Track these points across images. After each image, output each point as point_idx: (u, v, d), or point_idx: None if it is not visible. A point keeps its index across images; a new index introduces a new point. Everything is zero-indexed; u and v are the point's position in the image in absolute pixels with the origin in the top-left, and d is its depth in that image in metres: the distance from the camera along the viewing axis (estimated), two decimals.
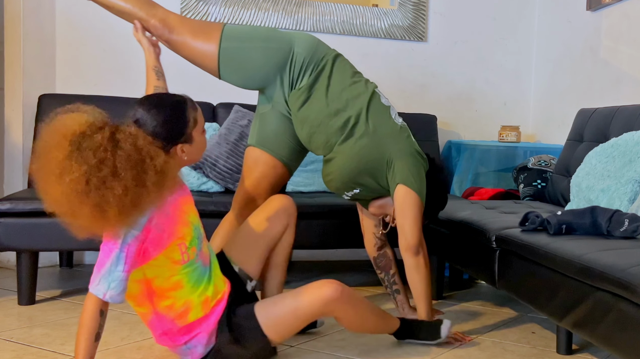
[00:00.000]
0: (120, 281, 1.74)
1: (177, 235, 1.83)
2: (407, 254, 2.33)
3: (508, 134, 3.70)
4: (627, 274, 1.62)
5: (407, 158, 2.32)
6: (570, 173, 2.91)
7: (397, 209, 2.32)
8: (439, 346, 2.29)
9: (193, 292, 1.90)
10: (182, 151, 1.85)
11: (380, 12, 3.86)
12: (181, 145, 1.84)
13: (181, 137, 1.84)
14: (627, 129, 2.66)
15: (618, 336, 1.68)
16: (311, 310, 1.99)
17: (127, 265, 1.75)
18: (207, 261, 1.97)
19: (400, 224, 2.33)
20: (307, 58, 2.37)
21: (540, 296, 2.07)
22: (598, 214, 2.12)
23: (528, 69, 4.09)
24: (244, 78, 2.42)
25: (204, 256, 1.96)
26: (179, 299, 1.89)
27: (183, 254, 1.85)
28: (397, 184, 2.30)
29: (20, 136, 3.35)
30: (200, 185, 3.17)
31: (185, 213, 1.88)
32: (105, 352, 2.15)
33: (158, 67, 2.40)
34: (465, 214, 2.66)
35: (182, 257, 1.85)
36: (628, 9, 3.21)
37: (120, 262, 1.74)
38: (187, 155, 1.87)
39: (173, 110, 1.84)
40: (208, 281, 1.95)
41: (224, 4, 3.63)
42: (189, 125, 1.85)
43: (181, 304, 1.90)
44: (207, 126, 3.32)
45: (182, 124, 1.84)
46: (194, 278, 1.90)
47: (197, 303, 1.91)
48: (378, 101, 2.38)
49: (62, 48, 3.48)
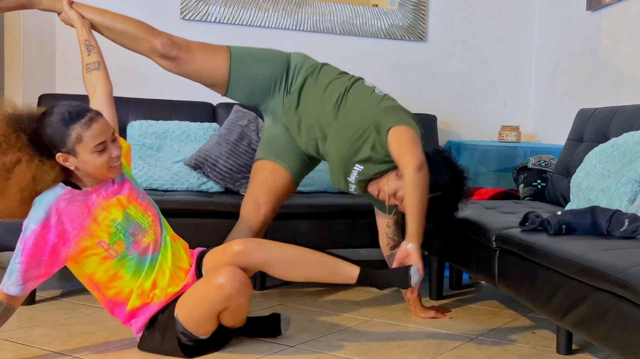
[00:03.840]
0: (16, 272, 1.94)
1: (87, 232, 1.99)
2: (408, 170, 2.23)
3: (508, 134, 3.70)
4: (627, 274, 1.62)
5: (393, 111, 2.39)
6: (570, 173, 2.91)
7: (394, 150, 2.29)
8: (437, 348, 2.30)
9: (135, 281, 2.07)
10: (64, 160, 1.97)
11: (380, 12, 3.86)
12: (61, 154, 1.96)
13: (58, 149, 1.95)
14: (627, 129, 2.66)
15: (618, 336, 1.68)
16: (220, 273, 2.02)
17: (24, 256, 1.94)
18: (147, 252, 2.10)
19: (399, 156, 2.27)
20: (299, 64, 2.55)
21: (540, 296, 2.06)
22: (598, 214, 2.12)
23: (528, 69, 4.09)
24: (249, 94, 2.56)
25: (142, 247, 2.08)
26: (124, 287, 2.08)
27: (108, 250, 2.02)
28: (387, 132, 2.29)
29: None
30: (200, 185, 3.17)
31: (99, 213, 2.02)
32: (105, 352, 2.15)
33: (89, 40, 2.50)
34: (465, 214, 2.66)
35: (108, 253, 2.03)
36: (628, 9, 3.21)
37: (17, 254, 1.95)
38: (79, 166, 1.98)
39: (53, 121, 1.95)
40: (148, 273, 2.09)
41: (224, 4, 3.63)
42: (69, 139, 1.94)
43: (127, 291, 2.08)
44: (207, 126, 3.32)
45: (58, 137, 1.94)
46: (132, 269, 2.07)
47: (136, 293, 2.08)
48: (362, 83, 2.53)
49: (62, 48, 3.48)
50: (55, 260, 2.00)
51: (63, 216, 1.98)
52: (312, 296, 2.97)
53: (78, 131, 1.95)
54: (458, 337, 2.42)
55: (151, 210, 2.17)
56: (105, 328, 2.40)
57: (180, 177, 3.16)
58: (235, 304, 2.04)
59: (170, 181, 3.13)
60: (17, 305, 2.03)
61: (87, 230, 2.00)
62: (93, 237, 2.01)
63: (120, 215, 2.05)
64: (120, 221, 2.04)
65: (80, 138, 1.95)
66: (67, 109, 1.97)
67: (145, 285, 2.09)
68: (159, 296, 2.10)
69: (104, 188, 2.07)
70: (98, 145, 1.96)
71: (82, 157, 1.97)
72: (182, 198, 2.93)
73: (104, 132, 1.98)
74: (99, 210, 2.03)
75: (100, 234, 2.02)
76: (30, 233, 1.94)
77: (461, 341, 2.38)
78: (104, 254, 2.02)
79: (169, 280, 2.12)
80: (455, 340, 2.38)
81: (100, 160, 1.98)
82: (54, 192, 1.99)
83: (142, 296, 2.09)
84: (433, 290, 3.00)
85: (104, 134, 1.98)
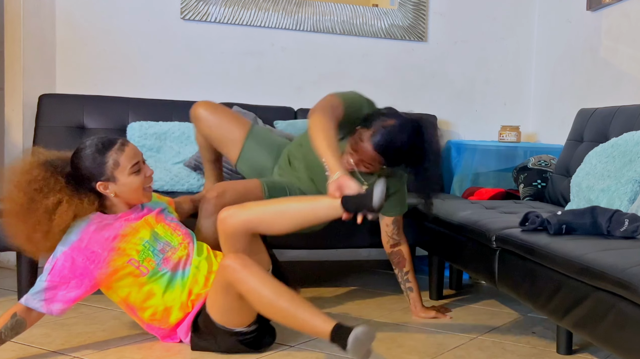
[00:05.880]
0: (40, 289, 2.04)
1: (117, 252, 2.09)
2: (308, 120, 2.27)
3: (508, 134, 3.70)
4: (627, 274, 1.62)
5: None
6: (570, 173, 2.91)
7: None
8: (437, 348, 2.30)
9: (169, 296, 2.15)
10: (105, 188, 2.10)
11: (380, 12, 3.86)
12: (101, 183, 2.09)
13: (97, 179, 2.09)
14: (627, 129, 2.66)
15: (618, 336, 1.68)
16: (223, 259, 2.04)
17: (50, 275, 2.04)
18: (178, 267, 2.17)
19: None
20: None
21: (540, 296, 2.06)
22: (598, 214, 2.12)
23: (528, 69, 4.09)
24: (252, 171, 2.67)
25: (172, 262, 2.17)
26: (158, 306, 2.15)
27: (138, 267, 2.11)
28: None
29: (20, 136, 3.35)
30: (200, 186, 3.17)
31: (127, 233, 2.12)
32: (105, 352, 2.15)
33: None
34: (465, 214, 2.66)
35: (139, 271, 2.12)
36: (628, 9, 3.21)
37: (45, 273, 2.05)
38: (118, 193, 2.12)
39: (89, 154, 2.09)
40: (183, 286, 2.15)
41: (224, 4, 3.63)
42: (107, 167, 2.09)
43: (162, 310, 2.16)
44: None
45: (97, 167, 2.09)
46: (164, 284, 2.14)
47: (176, 306, 2.16)
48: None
49: (62, 48, 3.48)
50: (85, 281, 2.08)
51: (93, 239, 2.09)
52: (312, 296, 2.97)
53: (114, 157, 2.10)
54: (458, 337, 2.42)
55: (181, 229, 2.26)
56: (105, 328, 2.40)
57: (180, 178, 3.16)
58: (245, 287, 1.98)
59: (170, 183, 3.13)
60: (30, 321, 2.06)
61: (117, 250, 2.10)
62: (123, 256, 2.10)
63: (148, 234, 2.16)
64: (147, 240, 2.14)
65: (117, 163, 2.10)
66: (98, 141, 2.12)
67: (183, 297, 2.17)
68: (194, 300, 2.17)
69: (133, 213, 2.18)
70: (134, 166, 2.12)
71: (121, 181, 2.11)
72: None
73: (137, 154, 2.15)
74: (127, 230, 2.13)
75: (130, 252, 2.11)
76: (61, 254, 2.07)
77: (461, 341, 2.38)
78: (136, 272, 2.12)
79: (203, 285, 2.18)
80: (455, 340, 2.38)
81: (138, 181, 2.13)
82: (85, 218, 2.11)
83: (183, 308, 2.17)
84: (433, 290, 3.00)
85: (137, 155, 2.14)
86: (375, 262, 3.87)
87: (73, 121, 3.28)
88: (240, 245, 2.11)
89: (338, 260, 3.86)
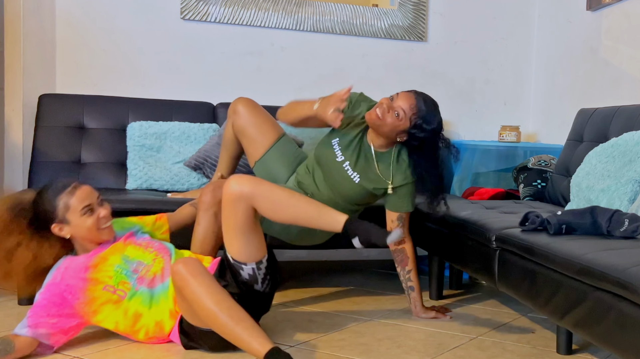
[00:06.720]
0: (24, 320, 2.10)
1: (91, 282, 2.16)
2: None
3: (508, 134, 3.70)
4: (627, 274, 1.62)
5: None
6: (570, 173, 2.91)
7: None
8: (437, 348, 2.30)
9: (155, 311, 2.18)
10: (60, 230, 2.18)
11: (380, 12, 3.86)
12: (56, 225, 2.17)
13: (51, 221, 2.17)
14: (627, 129, 2.66)
15: (618, 336, 1.68)
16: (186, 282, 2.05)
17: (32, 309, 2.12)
18: (155, 283, 2.22)
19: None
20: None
21: (540, 296, 2.06)
22: (598, 214, 2.12)
23: (528, 69, 4.09)
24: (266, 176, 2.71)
25: (147, 279, 2.21)
26: (149, 324, 2.18)
27: (115, 292, 2.17)
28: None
29: (20, 136, 3.35)
30: (200, 186, 3.17)
31: (97, 263, 2.19)
32: (105, 352, 2.15)
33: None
34: (465, 214, 2.66)
35: (117, 295, 2.17)
36: (628, 9, 3.21)
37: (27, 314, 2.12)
38: (73, 234, 2.19)
39: (45, 197, 2.18)
40: (166, 296, 2.20)
41: (224, 4, 3.63)
42: (59, 209, 2.16)
43: (153, 325, 2.19)
44: (207, 127, 3.32)
45: (51, 210, 2.16)
46: (147, 302, 2.18)
47: (166, 316, 2.19)
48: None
49: (62, 48, 3.48)
50: (65, 310, 2.14)
51: (66, 276, 2.17)
52: (312, 297, 2.97)
53: (65, 200, 2.17)
54: (458, 337, 2.42)
55: (154, 245, 2.30)
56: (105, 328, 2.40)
57: (180, 177, 3.16)
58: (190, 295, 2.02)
59: (170, 182, 3.14)
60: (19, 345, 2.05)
61: (91, 280, 2.17)
62: (97, 285, 2.17)
63: (118, 259, 2.22)
64: (119, 264, 2.21)
65: (67, 206, 2.16)
66: (55, 184, 2.20)
67: (170, 305, 2.19)
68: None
69: (104, 248, 2.25)
70: (85, 207, 2.17)
71: (74, 222, 2.17)
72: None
73: (89, 196, 2.20)
74: (97, 261, 2.21)
75: (103, 280, 2.17)
76: (44, 288, 2.17)
77: (461, 341, 2.38)
78: (114, 298, 2.17)
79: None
80: (455, 340, 2.39)
81: (90, 221, 2.18)
82: (61, 260, 2.23)
83: (173, 315, 2.20)
84: (433, 289, 3.00)
85: (89, 198, 2.19)
86: (375, 262, 3.87)
87: (73, 121, 3.28)
88: (238, 216, 2.11)
89: (338, 260, 3.86)
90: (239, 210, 2.11)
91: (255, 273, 2.18)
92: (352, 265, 3.77)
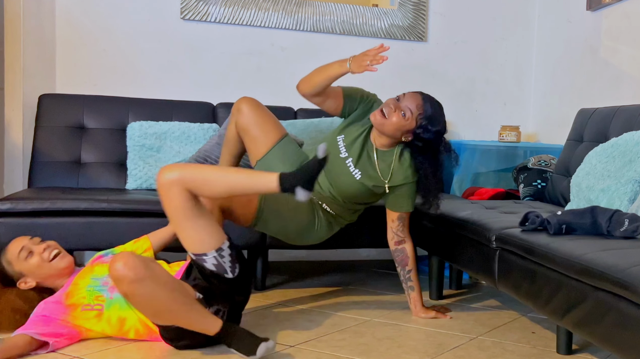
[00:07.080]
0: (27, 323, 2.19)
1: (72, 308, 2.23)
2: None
3: (508, 134, 3.70)
4: (627, 274, 1.62)
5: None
6: (570, 173, 2.91)
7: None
8: (437, 348, 2.30)
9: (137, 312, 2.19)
10: (26, 284, 2.32)
11: (380, 12, 3.86)
12: (20, 283, 2.32)
13: (15, 281, 2.32)
14: (627, 129, 2.66)
15: (618, 336, 1.68)
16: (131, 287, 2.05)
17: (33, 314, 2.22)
18: None
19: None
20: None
21: (540, 296, 2.06)
22: (598, 214, 2.12)
23: (528, 69, 4.09)
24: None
25: None
26: (135, 323, 2.22)
27: (93, 308, 2.23)
28: None
29: (20, 136, 3.35)
30: None
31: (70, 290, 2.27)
32: (105, 352, 2.15)
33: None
34: (465, 214, 2.66)
35: (96, 310, 2.22)
36: (628, 9, 3.21)
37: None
38: (37, 280, 2.32)
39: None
40: None
41: (224, 4, 3.63)
42: (7, 270, 2.32)
43: (142, 325, 2.21)
44: (207, 127, 3.32)
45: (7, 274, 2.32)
46: (125, 304, 2.19)
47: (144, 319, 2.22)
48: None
49: (62, 48, 3.48)
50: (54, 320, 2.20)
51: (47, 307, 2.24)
52: (312, 296, 2.97)
53: (5, 260, 2.32)
54: (458, 337, 2.42)
55: None
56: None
57: None
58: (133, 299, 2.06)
59: None
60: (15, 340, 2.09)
61: (69, 307, 2.23)
62: (76, 308, 2.23)
63: (88, 280, 2.29)
64: (89, 284, 2.28)
65: (9, 262, 2.32)
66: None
67: None
68: None
69: (74, 276, 2.35)
70: (19, 253, 2.30)
71: (27, 270, 2.31)
72: None
73: (19, 243, 2.32)
74: (69, 288, 2.29)
75: (79, 302, 2.24)
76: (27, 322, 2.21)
77: (461, 341, 2.38)
78: (94, 313, 2.23)
79: None
80: (455, 340, 2.39)
81: (35, 260, 2.30)
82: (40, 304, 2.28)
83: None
84: (433, 289, 3.00)
85: (19, 244, 2.32)
86: (375, 262, 3.87)
87: (73, 121, 3.28)
88: (175, 203, 2.10)
89: (338, 260, 3.86)
90: (173, 195, 2.10)
91: (219, 262, 2.16)
92: (352, 264, 3.77)
